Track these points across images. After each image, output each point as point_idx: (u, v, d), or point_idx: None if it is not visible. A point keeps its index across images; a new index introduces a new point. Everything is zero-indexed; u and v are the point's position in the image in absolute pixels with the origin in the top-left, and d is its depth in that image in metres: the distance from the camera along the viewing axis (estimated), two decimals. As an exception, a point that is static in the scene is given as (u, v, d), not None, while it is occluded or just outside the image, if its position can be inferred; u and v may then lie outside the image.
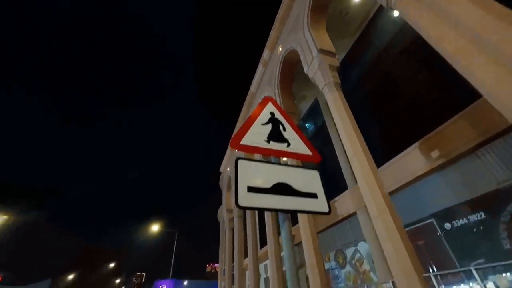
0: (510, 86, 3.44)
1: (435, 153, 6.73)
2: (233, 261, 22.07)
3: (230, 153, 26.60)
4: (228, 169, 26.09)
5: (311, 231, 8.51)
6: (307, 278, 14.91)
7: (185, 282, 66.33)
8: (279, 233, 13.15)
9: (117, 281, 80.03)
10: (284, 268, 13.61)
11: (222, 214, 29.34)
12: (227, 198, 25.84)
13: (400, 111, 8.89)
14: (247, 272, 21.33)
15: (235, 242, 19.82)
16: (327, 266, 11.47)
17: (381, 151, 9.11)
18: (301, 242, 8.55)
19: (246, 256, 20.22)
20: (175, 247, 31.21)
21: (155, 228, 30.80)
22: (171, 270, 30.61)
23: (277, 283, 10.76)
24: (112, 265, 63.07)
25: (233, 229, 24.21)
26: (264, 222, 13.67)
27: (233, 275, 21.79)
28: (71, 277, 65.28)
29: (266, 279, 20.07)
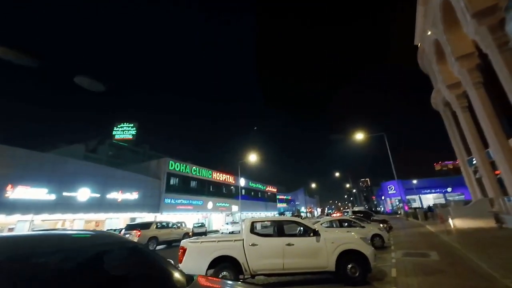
0: None
1: None
2: (485, 146, 15.68)
3: (424, 10, 17.58)
4: (429, 33, 17.68)
5: None
6: None
7: (415, 181, 63.35)
8: None
9: (347, 185, 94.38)
10: None
11: (440, 97, 21.58)
12: (444, 72, 18.00)
13: None
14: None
15: (481, 120, 13.48)
16: None
17: None
18: None
19: (507, 133, 13.23)
20: (389, 149, 28.93)
21: (359, 136, 30.10)
22: (394, 171, 29.03)
23: None
24: (337, 174, 75.27)
25: (467, 106, 16.91)
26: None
27: (491, 162, 15.60)
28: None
29: None
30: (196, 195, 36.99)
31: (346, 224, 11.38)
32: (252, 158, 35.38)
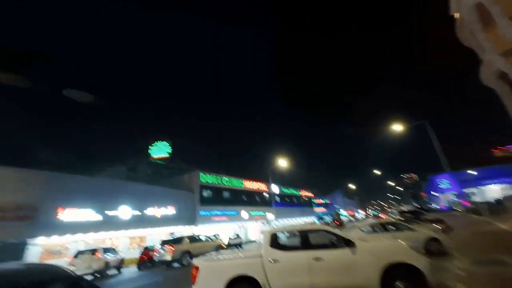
0: None
1: None
2: None
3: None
4: (467, -2, 15.22)
5: None
6: None
7: (471, 172, 55.70)
8: None
9: (390, 183, 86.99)
10: None
11: (492, 70, 18.32)
12: (493, 39, 15.22)
13: None
14: None
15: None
16: None
17: None
18: None
19: None
20: (434, 139, 25.56)
21: (397, 128, 27.27)
22: (446, 162, 25.45)
23: None
24: (376, 171, 69.62)
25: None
26: None
27: None
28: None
29: None
30: (229, 205, 37.01)
31: (391, 227, 9.79)
32: (282, 163, 34.47)
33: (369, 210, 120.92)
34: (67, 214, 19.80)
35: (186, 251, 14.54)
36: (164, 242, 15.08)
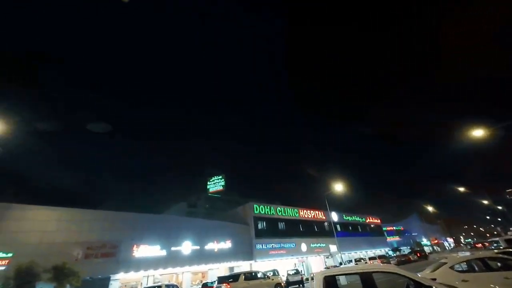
0: None
1: None
2: None
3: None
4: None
5: None
6: None
7: None
8: None
9: (485, 201, 69.98)
10: None
11: None
12: None
13: None
14: None
15: None
16: None
17: None
18: None
19: None
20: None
21: (477, 133, 22.72)
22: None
23: None
24: (462, 189, 57.20)
25: None
26: None
27: None
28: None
29: None
30: (286, 237, 35.07)
31: (497, 264, 7.42)
32: (341, 188, 31.58)
33: (460, 237, 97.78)
34: (141, 251, 21.79)
35: (243, 289, 13.93)
36: (220, 280, 14.87)
